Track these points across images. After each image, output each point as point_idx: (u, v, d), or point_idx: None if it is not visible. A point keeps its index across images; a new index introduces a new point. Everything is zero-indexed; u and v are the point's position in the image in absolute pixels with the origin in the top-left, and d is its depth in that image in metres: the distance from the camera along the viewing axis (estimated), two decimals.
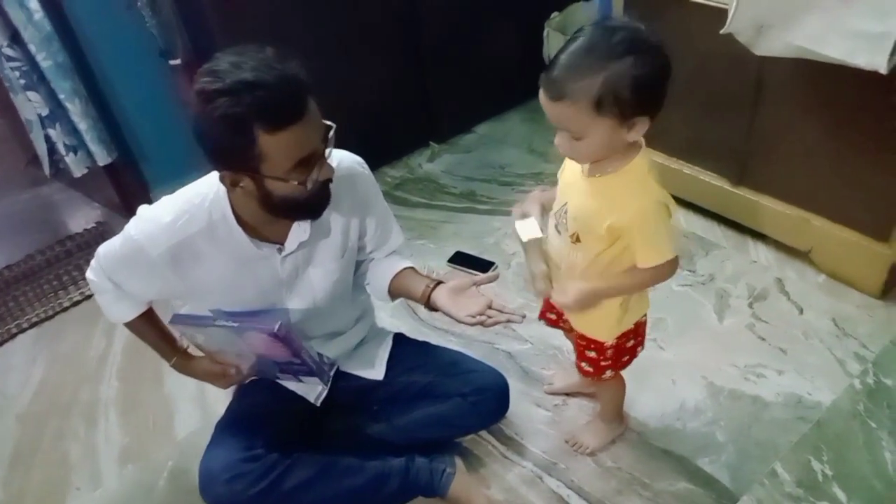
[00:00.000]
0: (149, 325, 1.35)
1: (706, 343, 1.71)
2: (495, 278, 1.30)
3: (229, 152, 1.02)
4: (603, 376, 1.34)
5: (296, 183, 1.05)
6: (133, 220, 1.17)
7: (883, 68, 1.40)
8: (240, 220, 1.16)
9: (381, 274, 1.39)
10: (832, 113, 1.64)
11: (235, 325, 1.20)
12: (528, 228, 1.20)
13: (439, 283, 1.29)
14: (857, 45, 1.42)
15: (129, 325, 1.33)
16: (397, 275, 1.36)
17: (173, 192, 1.20)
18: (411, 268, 1.38)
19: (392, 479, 1.35)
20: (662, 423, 1.54)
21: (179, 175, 2.46)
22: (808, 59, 1.51)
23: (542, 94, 0.99)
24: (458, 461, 1.42)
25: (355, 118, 2.27)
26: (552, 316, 1.43)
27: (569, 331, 1.41)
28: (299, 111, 1.00)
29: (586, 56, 0.94)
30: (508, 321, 1.23)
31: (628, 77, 0.93)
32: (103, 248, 1.24)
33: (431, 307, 1.28)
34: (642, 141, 1.05)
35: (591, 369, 1.33)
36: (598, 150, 1.02)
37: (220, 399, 1.45)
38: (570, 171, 1.14)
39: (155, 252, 1.15)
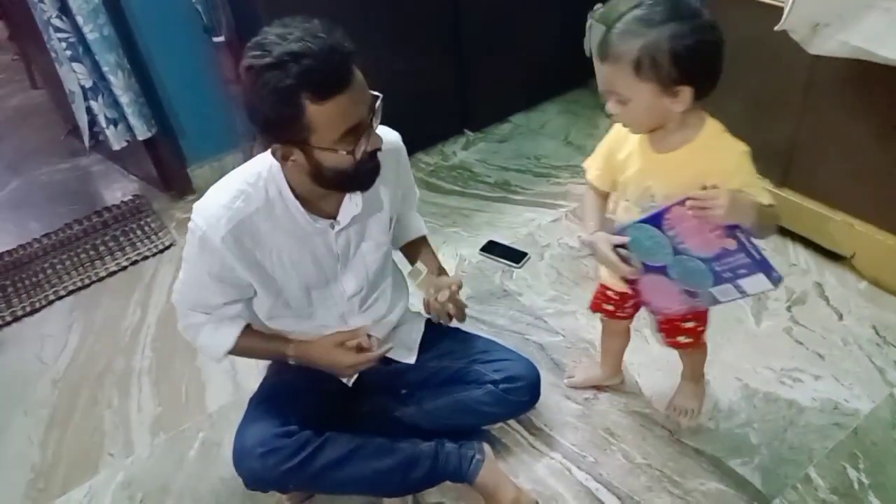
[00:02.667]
0: (252, 337, 1.33)
1: (742, 345, 1.68)
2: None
3: (279, 124, 1.03)
4: (701, 340, 1.37)
5: (344, 153, 1.05)
6: (192, 216, 1.18)
7: None
8: (295, 195, 1.17)
9: (400, 233, 1.49)
10: (882, 117, 1.60)
11: (655, 212, 1.10)
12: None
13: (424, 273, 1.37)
14: None
15: (234, 349, 1.32)
16: (414, 241, 1.51)
17: (210, 167, 1.21)
18: (425, 239, 1.52)
19: (422, 463, 1.35)
20: (695, 422, 1.52)
21: (216, 151, 2.50)
22: (862, 59, 1.47)
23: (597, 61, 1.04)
24: (488, 448, 1.42)
25: (391, 103, 2.26)
26: (609, 307, 1.43)
27: (627, 318, 1.45)
28: (345, 80, 1.01)
29: (632, 22, 0.99)
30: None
31: (665, 43, 0.97)
32: (176, 285, 1.30)
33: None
34: (705, 112, 1.08)
35: (690, 340, 1.36)
36: (644, 116, 1.06)
37: (252, 374, 1.47)
38: (638, 156, 1.15)
39: (218, 236, 1.16)
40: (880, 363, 1.61)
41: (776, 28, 1.52)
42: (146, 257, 2.24)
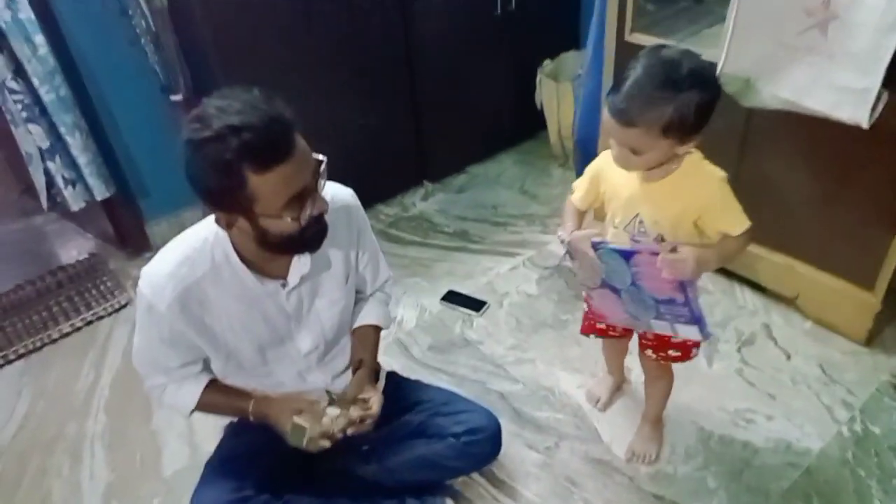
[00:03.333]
0: (215, 394, 1.31)
1: (696, 387, 1.72)
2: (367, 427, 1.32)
3: (221, 195, 1.03)
4: (691, 355, 1.41)
5: (289, 219, 1.06)
6: (139, 283, 1.18)
7: (864, 122, 1.45)
8: (242, 259, 1.17)
9: (357, 313, 1.46)
10: (817, 163, 1.69)
11: (628, 249, 1.20)
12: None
13: (362, 368, 1.37)
14: (840, 98, 1.47)
15: (198, 406, 1.30)
16: (365, 328, 1.44)
17: (168, 223, 1.22)
18: (377, 329, 1.45)
19: None
20: (654, 468, 1.54)
21: (175, 207, 2.49)
22: (793, 110, 1.56)
23: (610, 119, 1.11)
24: (450, 503, 1.41)
25: (351, 156, 2.33)
26: (602, 326, 1.48)
27: (620, 336, 1.50)
28: (286, 150, 1.01)
29: (657, 88, 1.06)
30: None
31: (694, 106, 1.06)
32: (133, 348, 1.29)
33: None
34: None
35: (680, 353, 1.40)
36: (653, 163, 1.16)
37: (209, 437, 1.44)
38: (624, 186, 1.24)
39: (163, 305, 1.15)
40: (827, 401, 1.66)
41: None
42: (101, 317, 2.20)
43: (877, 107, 1.45)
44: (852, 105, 1.46)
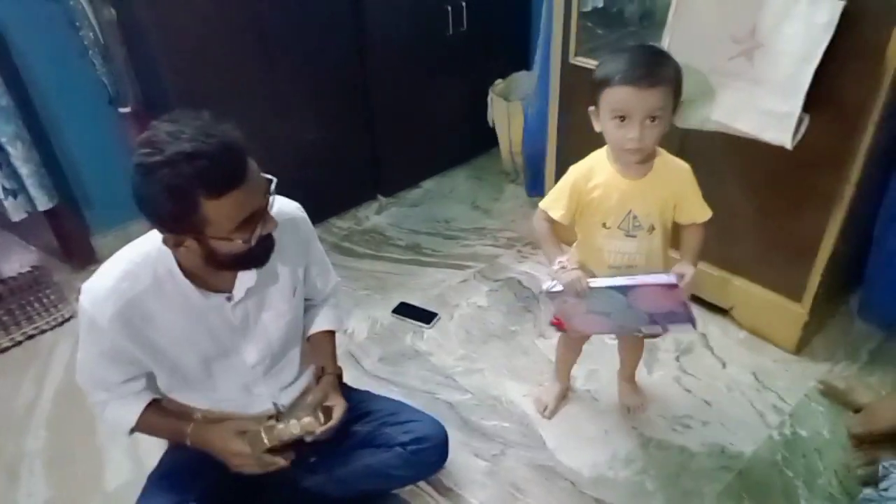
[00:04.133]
0: (156, 414, 1.29)
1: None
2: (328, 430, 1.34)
3: (172, 218, 1.04)
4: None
5: (240, 241, 1.08)
6: (80, 297, 1.18)
7: (788, 144, 1.55)
8: (186, 273, 1.18)
9: (308, 322, 1.49)
10: (749, 182, 1.79)
11: (625, 284, 1.32)
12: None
13: (326, 375, 1.42)
14: (766, 121, 1.57)
15: (138, 426, 1.29)
16: (320, 335, 1.48)
17: (114, 236, 1.21)
18: (332, 334, 1.50)
19: None
20: (595, 472, 1.59)
21: (122, 220, 2.46)
22: (724, 132, 1.66)
23: (630, 90, 1.22)
24: None
25: (306, 170, 2.35)
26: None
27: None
28: (240, 176, 1.03)
29: (658, 55, 1.28)
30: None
31: (679, 71, 1.28)
32: (77, 364, 1.27)
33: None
34: None
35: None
36: (660, 135, 1.29)
37: (153, 450, 1.42)
38: (613, 189, 1.36)
39: (104, 319, 1.15)
40: (760, 407, 1.74)
41: None
42: (44, 331, 2.14)
43: (799, 129, 1.55)
44: (776, 128, 1.56)
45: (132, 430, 1.28)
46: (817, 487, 1.52)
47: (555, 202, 1.42)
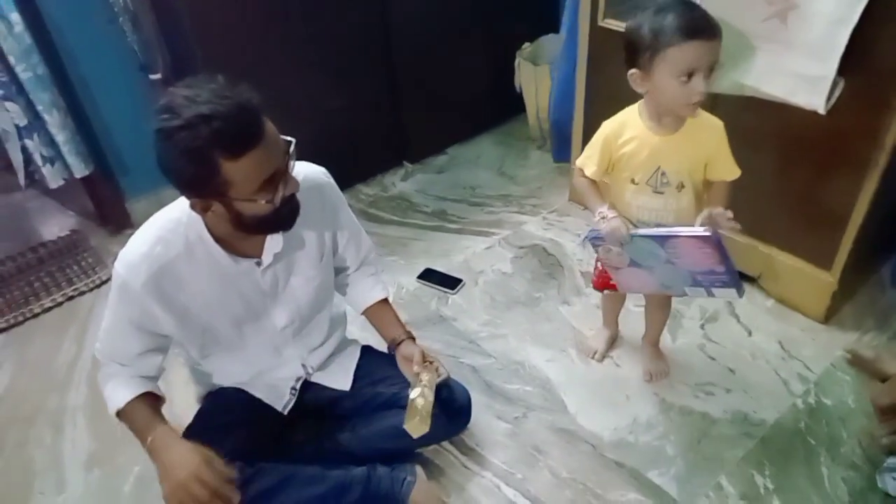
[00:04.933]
0: (139, 408, 1.27)
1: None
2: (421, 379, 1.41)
3: (195, 182, 1.07)
4: None
5: (264, 202, 1.10)
6: (114, 264, 1.22)
7: (821, 108, 1.52)
8: (216, 239, 1.21)
9: (359, 296, 1.55)
10: (778, 148, 1.75)
11: (662, 234, 1.33)
12: None
13: (403, 340, 1.48)
14: (798, 85, 1.54)
15: (123, 411, 1.27)
16: (374, 306, 1.53)
17: (148, 201, 1.25)
18: (386, 301, 1.55)
19: (354, 488, 1.39)
20: (616, 437, 1.61)
21: (156, 186, 2.50)
22: (754, 96, 1.62)
23: (698, 44, 1.21)
24: (419, 470, 1.47)
25: (332, 137, 2.37)
26: (614, 282, 1.58)
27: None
28: (256, 136, 1.05)
29: (697, 6, 1.28)
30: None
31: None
32: (99, 333, 1.31)
33: (391, 351, 1.51)
34: None
35: None
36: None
37: (190, 406, 1.48)
38: (643, 145, 1.36)
39: (138, 283, 1.19)
40: (785, 375, 1.74)
41: None
42: (82, 293, 2.23)
43: (833, 94, 1.51)
44: (809, 92, 1.52)
45: (118, 414, 1.28)
46: (840, 455, 1.52)
47: (588, 159, 1.44)
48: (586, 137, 2.31)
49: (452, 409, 1.50)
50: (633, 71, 1.29)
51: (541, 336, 1.92)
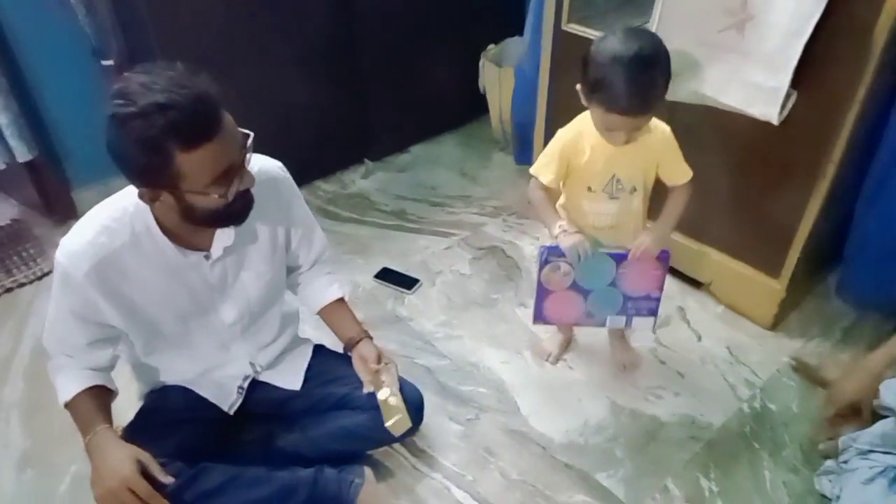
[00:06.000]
0: (86, 402, 1.24)
1: (612, 364, 1.80)
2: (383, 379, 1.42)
3: (146, 172, 1.03)
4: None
5: (217, 196, 1.07)
6: (56, 253, 1.17)
7: (774, 119, 1.55)
8: (164, 230, 1.17)
9: (313, 295, 1.51)
10: (731, 157, 1.78)
11: (622, 252, 1.46)
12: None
13: (360, 340, 1.46)
14: (753, 95, 1.57)
15: (70, 403, 1.24)
16: (330, 306, 1.50)
17: (96, 190, 1.20)
18: (342, 301, 1.52)
19: (300, 490, 1.35)
20: (567, 439, 1.61)
21: (104, 176, 2.41)
22: (710, 105, 1.65)
23: (622, 119, 1.28)
24: (368, 472, 1.45)
25: (291, 131, 2.33)
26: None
27: None
28: (213, 128, 1.02)
29: (653, 79, 1.27)
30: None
31: (667, 73, 1.30)
32: (45, 324, 1.26)
33: (346, 351, 1.49)
34: None
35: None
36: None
37: (131, 404, 1.43)
38: (599, 153, 1.41)
39: (80, 273, 1.15)
40: (732, 380, 1.77)
41: None
42: (22, 285, 2.13)
43: (786, 105, 1.55)
44: (763, 102, 1.56)
45: (66, 405, 1.24)
46: (782, 459, 1.56)
47: (544, 167, 1.46)
48: (548, 140, 2.32)
49: None
50: (579, 86, 1.35)
51: (496, 338, 1.92)
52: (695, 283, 2.05)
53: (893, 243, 1.69)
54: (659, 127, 1.42)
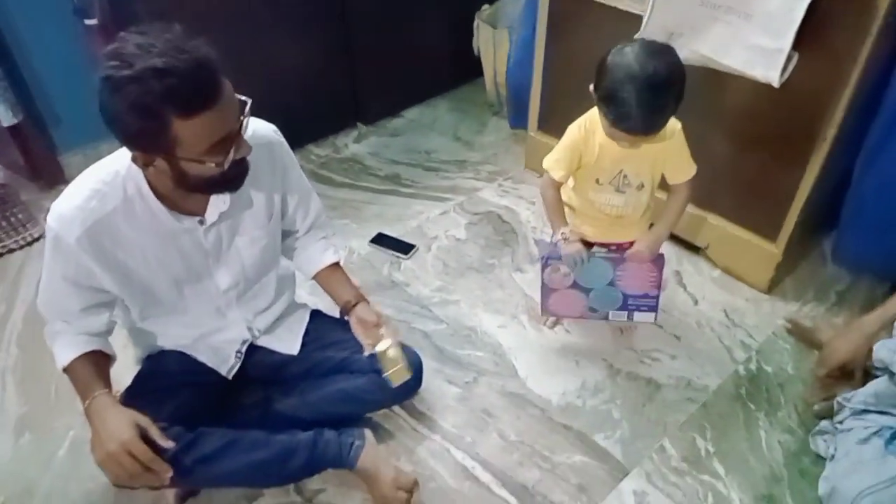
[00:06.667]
0: (85, 367, 1.22)
1: (609, 328, 1.81)
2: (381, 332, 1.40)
3: (141, 137, 1.00)
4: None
5: (212, 164, 1.04)
6: (47, 217, 1.14)
7: (775, 82, 1.53)
8: (157, 195, 1.14)
9: (309, 260, 1.48)
10: (731, 120, 1.77)
11: (619, 256, 1.52)
12: None
13: (358, 303, 1.43)
14: (754, 57, 1.54)
15: (69, 368, 1.22)
16: (326, 271, 1.47)
17: (84, 155, 1.17)
18: (338, 265, 1.49)
19: (300, 453, 1.36)
20: (565, 401, 1.63)
21: (91, 138, 2.38)
22: (711, 67, 1.62)
23: (623, 133, 1.31)
24: (368, 434, 1.45)
25: (282, 95, 2.28)
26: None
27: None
28: (213, 96, 0.99)
29: (663, 102, 1.27)
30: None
31: (680, 95, 1.29)
32: (39, 289, 1.23)
33: (343, 315, 1.46)
34: None
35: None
36: None
37: (128, 369, 1.42)
38: (608, 149, 1.44)
39: (72, 237, 1.12)
40: (728, 343, 1.79)
41: (636, 36, 1.64)
42: (12, 250, 2.10)
43: (787, 67, 1.53)
44: (764, 65, 1.53)
45: (64, 370, 1.23)
46: (777, 420, 1.58)
47: (556, 163, 1.51)
48: (544, 104, 2.31)
49: None
50: (592, 87, 1.36)
51: (493, 302, 1.92)
52: (692, 248, 2.05)
53: (890, 208, 1.69)
54: (670, 126, 1.41)
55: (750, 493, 1.43)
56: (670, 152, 1.46)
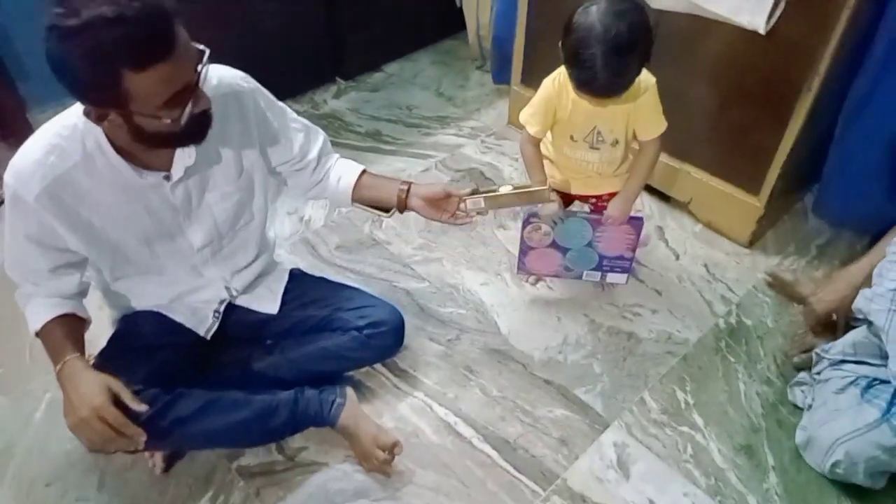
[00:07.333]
0: (58, 330, 1.19)
1: (589, 284, 1.80)
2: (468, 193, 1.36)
3: (90, 89, 0.95)
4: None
5: (168, 120, 0.99)
6: (4, 175, 1.09)
7: (762, 28, 1.50)
8: (117, 149, 1.09)
9: (339, 181, 1.42)
10: (715, 70, 1.73)
11: (597, 217, 1.54)
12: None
13: (410, 186, 1.37)
14: (740, 4, 1.51)
15: (41, 332, 1.19)
16: (361, 179, 1.41)
17: (54, 112, 1.12)
18: (367, 172, 1.43)
19: (280, 411, 1.35)
20: (546, 356, 1.63)
21: (61, 96, 2.28)
22: (696, 14, 1.59)
23: (592, 99, 1.32)
24: (350, 391, 1.45)
25: (258, 47, 2.22)
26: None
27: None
28: (166, 47, 0.93)
29: (626, 59, 1.24)
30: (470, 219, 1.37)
31: (649, 46, 1.26)
32: (4, 251, 1.18)
33: (402, 210, 1.39)
34: None
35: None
36: None
37: (105, 331, 1.39)
38: (581, 105, 1.41)
39: (31, 195, 1.08)
40: (709, 297, 1.79)
41: None
42: None
43: (774, 13, 1.50)
44: (751, 11, 1.50)
45: (37, 334, 1.20)
46: (756, 372, 1.60)
47: (531, 117, 1.49)
48: (527, 57, 2.26)
49: (383, 330, 1.47)
50: (560, 44, 1.32)
51: (475, 260, 1.90)
52: (675, 203, 2.04)
53: (873, 160, 1.68)
54: (644, 82, 1.39)
55: (728, 444, 1.45)
56: (642, 108, 1.44)
